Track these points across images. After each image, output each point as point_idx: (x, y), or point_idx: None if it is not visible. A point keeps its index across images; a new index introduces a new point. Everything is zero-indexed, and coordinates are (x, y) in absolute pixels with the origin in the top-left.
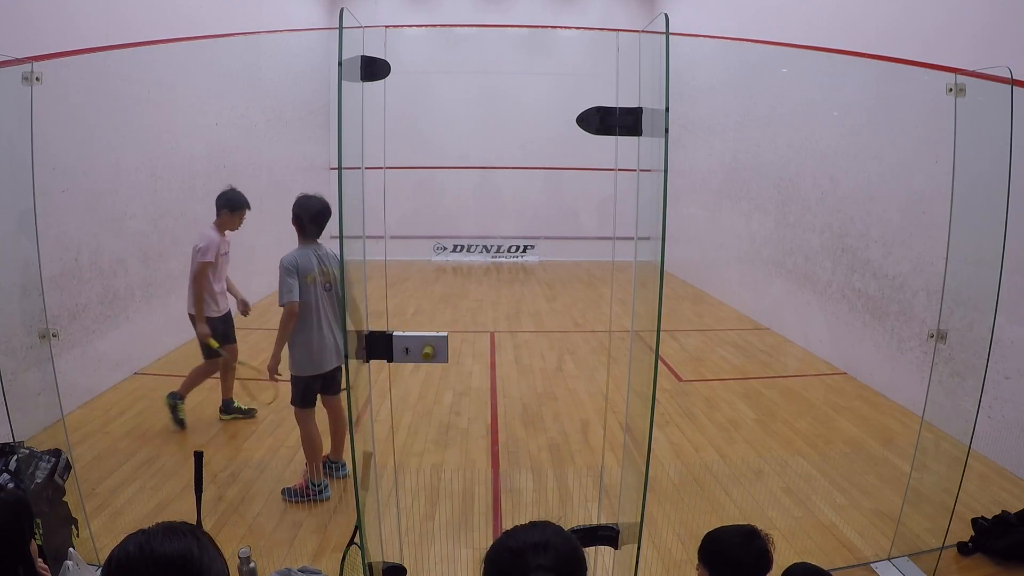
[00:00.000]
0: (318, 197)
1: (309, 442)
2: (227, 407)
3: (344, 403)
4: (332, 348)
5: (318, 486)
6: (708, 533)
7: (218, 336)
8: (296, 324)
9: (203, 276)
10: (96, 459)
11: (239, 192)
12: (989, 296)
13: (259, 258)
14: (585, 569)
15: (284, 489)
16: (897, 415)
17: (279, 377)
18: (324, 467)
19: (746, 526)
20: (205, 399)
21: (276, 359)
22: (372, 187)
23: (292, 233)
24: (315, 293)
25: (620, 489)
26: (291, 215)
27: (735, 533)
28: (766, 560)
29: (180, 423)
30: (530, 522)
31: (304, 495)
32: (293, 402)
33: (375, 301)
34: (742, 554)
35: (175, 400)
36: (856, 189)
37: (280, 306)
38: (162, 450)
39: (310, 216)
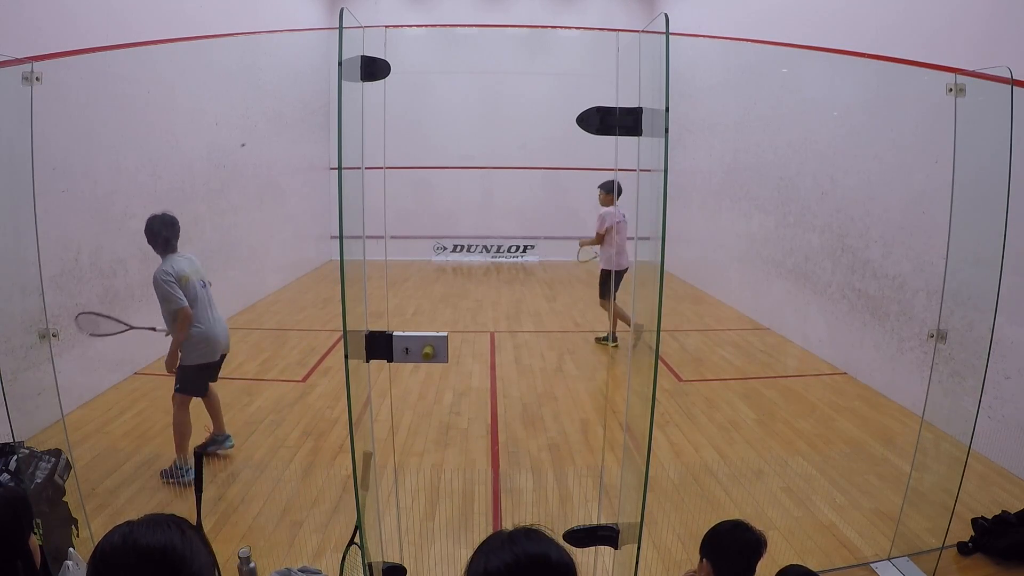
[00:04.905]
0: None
1: (183, 428)
2: None
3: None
4: (222, 337)
5: (183, 468)
6: (708, 531)
7: None
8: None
9: None
10: (96, 459)
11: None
12: (989, 296)
13: (259, 257)
14: None
15: (161, 471)
16: (897, 415)
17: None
18: (208, 446)
19: (734, 520)
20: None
21: (174, 358)
22: (372, 187)
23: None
24: (200, 292)
25: (620, 489)
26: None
27: (726, 527)
28: (754, 548)
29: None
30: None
31: (173, 475)
32: (183, 391)
33: (375, 301)
34: (730, 544)
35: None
36: (856, 189)
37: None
38: (162, 450)
39: (174, 231)
